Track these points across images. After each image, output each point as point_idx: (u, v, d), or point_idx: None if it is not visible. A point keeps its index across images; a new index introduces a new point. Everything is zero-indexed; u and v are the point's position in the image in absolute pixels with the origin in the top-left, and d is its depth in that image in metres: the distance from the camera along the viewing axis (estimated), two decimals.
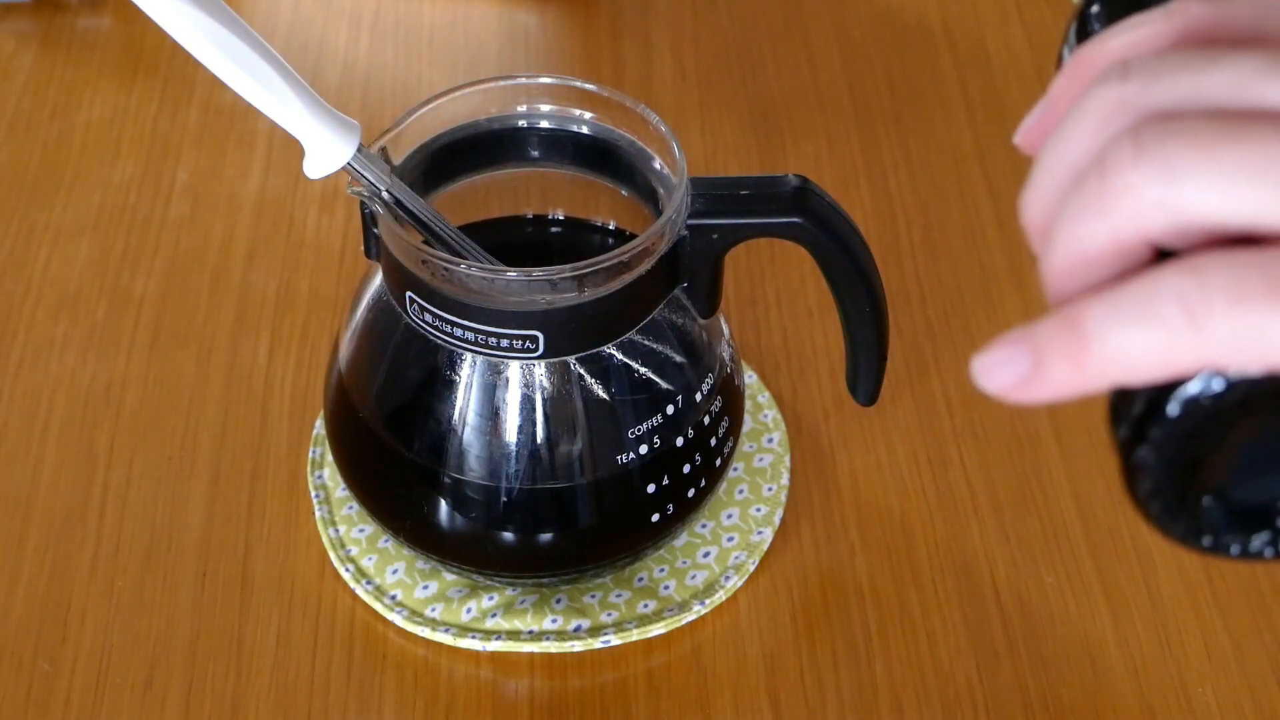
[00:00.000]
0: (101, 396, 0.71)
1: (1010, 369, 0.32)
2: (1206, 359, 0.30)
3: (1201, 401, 0.31)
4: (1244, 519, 0.34)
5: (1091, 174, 0.32)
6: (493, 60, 0.87)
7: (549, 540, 0.61)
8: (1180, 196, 0.30)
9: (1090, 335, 0.31)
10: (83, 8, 0.89)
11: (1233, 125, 0.30)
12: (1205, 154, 0.30)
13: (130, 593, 0.64)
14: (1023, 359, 0.32)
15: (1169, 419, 0.32)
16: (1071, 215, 0.32)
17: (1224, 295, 0.30)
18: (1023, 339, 0.32)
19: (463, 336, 0.57)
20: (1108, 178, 0.31)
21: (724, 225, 0.57)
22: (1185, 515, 0.34)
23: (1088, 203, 0.32)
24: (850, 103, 0.85)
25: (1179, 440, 0.32)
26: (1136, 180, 0.31)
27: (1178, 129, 0.30)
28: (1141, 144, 0.31)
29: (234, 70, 0.53)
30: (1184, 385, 0.32)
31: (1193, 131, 0.30)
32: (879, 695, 0.62)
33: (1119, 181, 0.31)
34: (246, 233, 0.77)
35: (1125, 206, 0.31)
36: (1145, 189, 0.31)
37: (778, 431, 0.69)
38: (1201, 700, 0.61)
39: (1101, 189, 0.31)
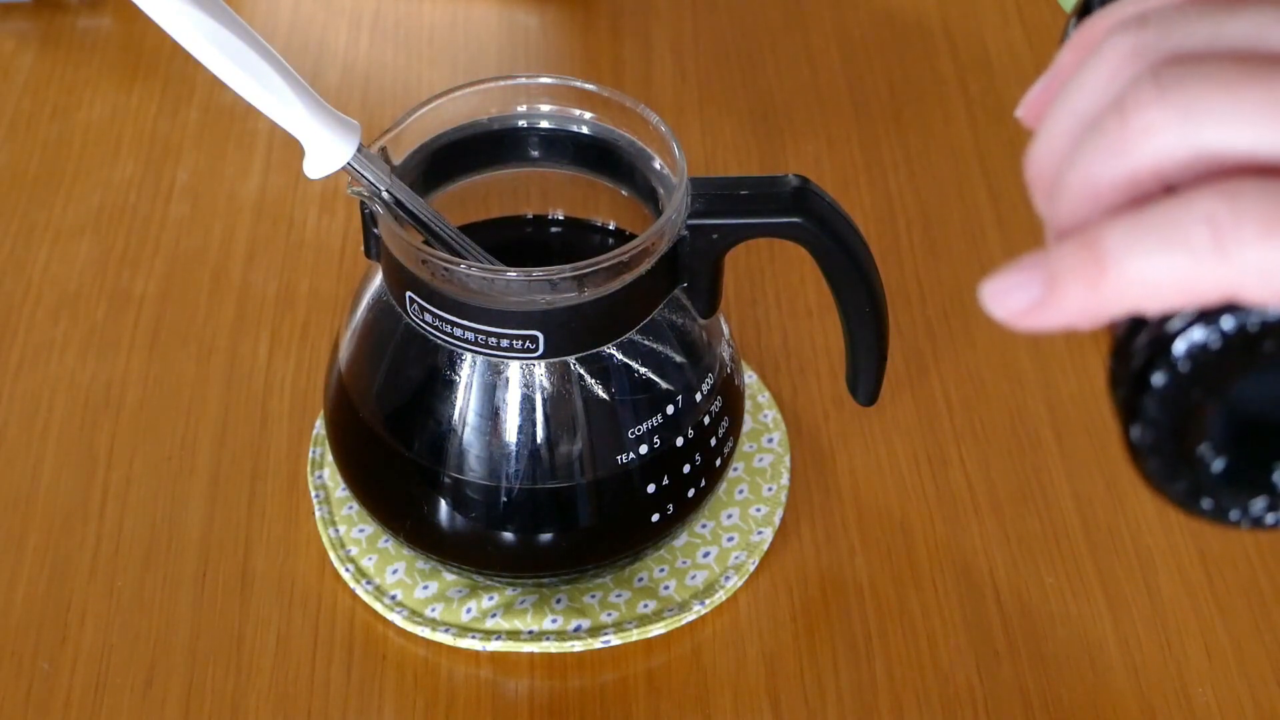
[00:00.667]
0: (101, 396, 0.71)
1: (1022, 293, 0.32)
2: (1229, 288, 0.30)
3: (1208, 346, 0.31)
4: (1243, 480, 0.33)
5: (1109, 115, 0.31)
6: (493, 60, 0.87)
7: (549, 540, 0.61)
8: (1201, 134, 0.30)
9: (1109, 257, 0.30)
10: (83, 8, 0.89)
11: (1255, 66, 0.30)
12: (1228, 93, 0.30)
13: (130, 593, 0.64)
14: (1035, 283, 0.31)
15: (1174, 361, 0.31)
16: (1086, 156, 0.31)
17: (1257, 221, 0.29)
18: (1036, 265, 0.32)
19: (463, 336, 0.57)
20: (1128, 117, 0.31)
21: (724, 225, 0.57)
22: (1185, 473, 0.33)
23: (1105, 143, 0.31)
24: (850, 103, 0.85)
25: (1182, 388, 0.32)
26: (1158, 118, 0.30)
27: (1200, 70, 0.30)
28: (1163, 83, 0.30)
29: (234, 70, 0.53)
30: (1190, 328, 0.31)
31: (1215, 72, 0.30)
32: (879, 695, 0.62)
33: (1139, 120, 0.30)
34: (246, 233, 0.77)
35: (1144, 145, 0.30)
36: (1166, 127, 0.30)
37: (778, 431, 0.69)
38: (1201, 700, 0.61)
39: (1121, 127, 0.31)
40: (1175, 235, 0.30)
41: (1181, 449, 0.33)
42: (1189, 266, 0.30)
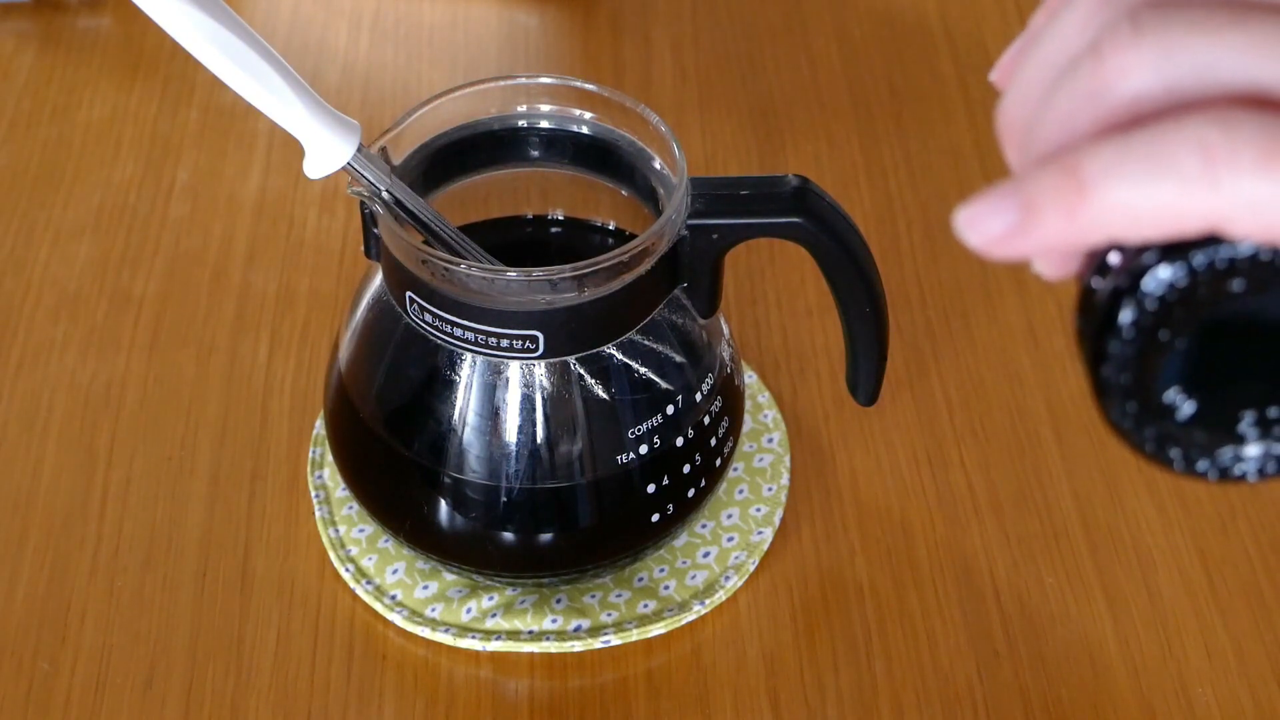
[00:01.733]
0: (101, 396, 0.71)
1: (997, 219, 0.30)
2: (1217, 219, 0.29)
3: (1176, 284, 0.30)
4: (1211, 428, 0.32)
5: (1085, 58, 0.30)
6: (493, 60, 0.87)
7: (549, 540, 0.61)
8: (1180, 75, 0.29)
9: (1091, 183, 0.29)
10: (83, 8, 0.89)
11: (1232, 9, 0.29)
12: (1207, 33, 0.29)
13: (130, 593, 0.64)
14: (1011, 209, 0.30)
15: (1141, 298, 0.31)
16: (1062, 101, 0.31)
17: (1254, 149, 0.28)
18: (1013, 190, 0.30)
19: (463, 336, 0.57)
20: (1104, 58, 0.30)
21: (724, 225, 0.57)
22: (1153, 420, 0.32)
23: (1081, 86, 0.30)
24: (850, 103, 0.85)
25: (1150, 326, 0.31)
26: (1135, 59, 0.29)
27: (1176, 13, 0.29)
28: (1140, 25, 0.29)
29: (234, 70, 0.53)
30: (1158, 265, 0.30)
31: (1193, 13, 0.29)
32: (879, 695, 0.62)
33: (1116, 61, 0.30)
34: (246, 233, 0.77)
35: (1121, 87, 0.30)
36: (1144, 68, 0.29)
37: (778, 431, 0.69)
38: (1201, 700, 0.61)
39: (1097, 69, 0.30)
40: (1164, 161, 0.29)
41: (1149, 392, 0.32)
42: (1176, 194, 0.29)
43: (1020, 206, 0.30)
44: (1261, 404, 0.32)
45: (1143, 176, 0.29)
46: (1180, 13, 0.29)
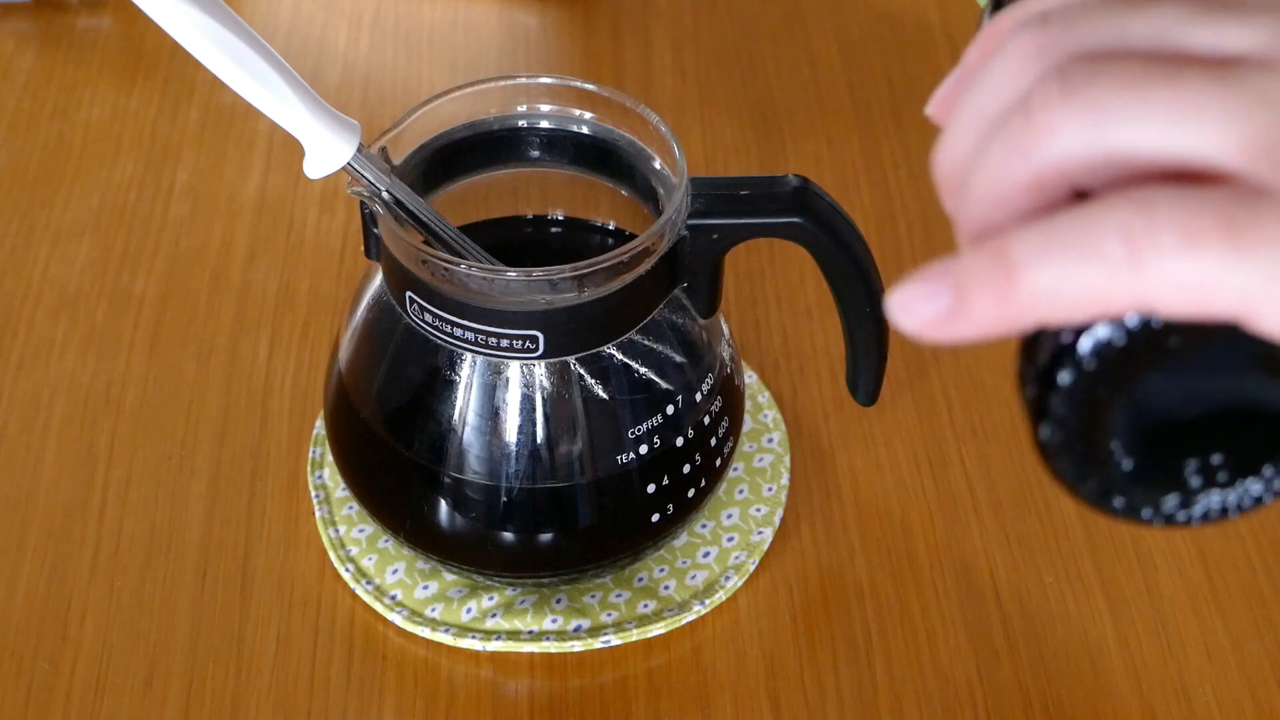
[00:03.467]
0: (101, 396, 0.71)
1: (929, 304, 0.30)
2: (1143, 300, 0.29)
3: (1113, 344, 0.30)
4: (1154, 477, 0.32)
5: (1014, 114, 0.30)
6: (493, 60, 0.87)
7: (549, 540, 0.61)
8: (1108, 135, 0.29)
9: (1019, 269, 0.29)
10: (83, 8, 0.89)
11: (1162, 65, 0.29)
12: (1135, 92, 0.29)
13: (130, 593, 0.64)
14: (943, 293, 0.30)
15: (1079, 359, 0.30)
16: (992, 157, 0.30)
17: (1173, 232, 0.28)
18: (944, 273, 0.30)
19: (463, 336, 0.57)
20: (1033, 115, 0.29)
21: (724, 225, 0.57)
22: (1096, 471, 0.32)
23: (1010, 142, 0.30)
24: (850, 103, 0.85)
25: (1089, 386, 0.31)
26: (1063, 117, 0.29)
27: (1106, 68, 0.29)
28: (1069, 82, 0.29)
29: (234, 70, 0.53)
30: (1095, 325, 0.30)
31: (1122, 71, 0.29)
32: (879, 695, 0.62)
33: (1044, 119, 0.29)
34: (246, 233, 0.77)
35: (1050, 145, 0.29)
36: (1072, 127, 0.29)
37: (778, 431, 0.69)
38: (1201, 700, 0.61)
39: (1026, 127, 0.30)
40: (1088, 247, 0.29)
41: (1091, 448, 0.32)
42: (1103, 279, 0.29)
43: (951, 291, 0.30)
44: (1203, 453, 0.32)
45: (1069, 263, 0.29)
46: (1111, 69, 0.29)
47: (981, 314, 0.30)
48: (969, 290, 0.30)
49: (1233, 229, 0.28)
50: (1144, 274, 0.28)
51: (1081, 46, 0.30)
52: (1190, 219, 0.28)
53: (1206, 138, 0.28)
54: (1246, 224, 0.28)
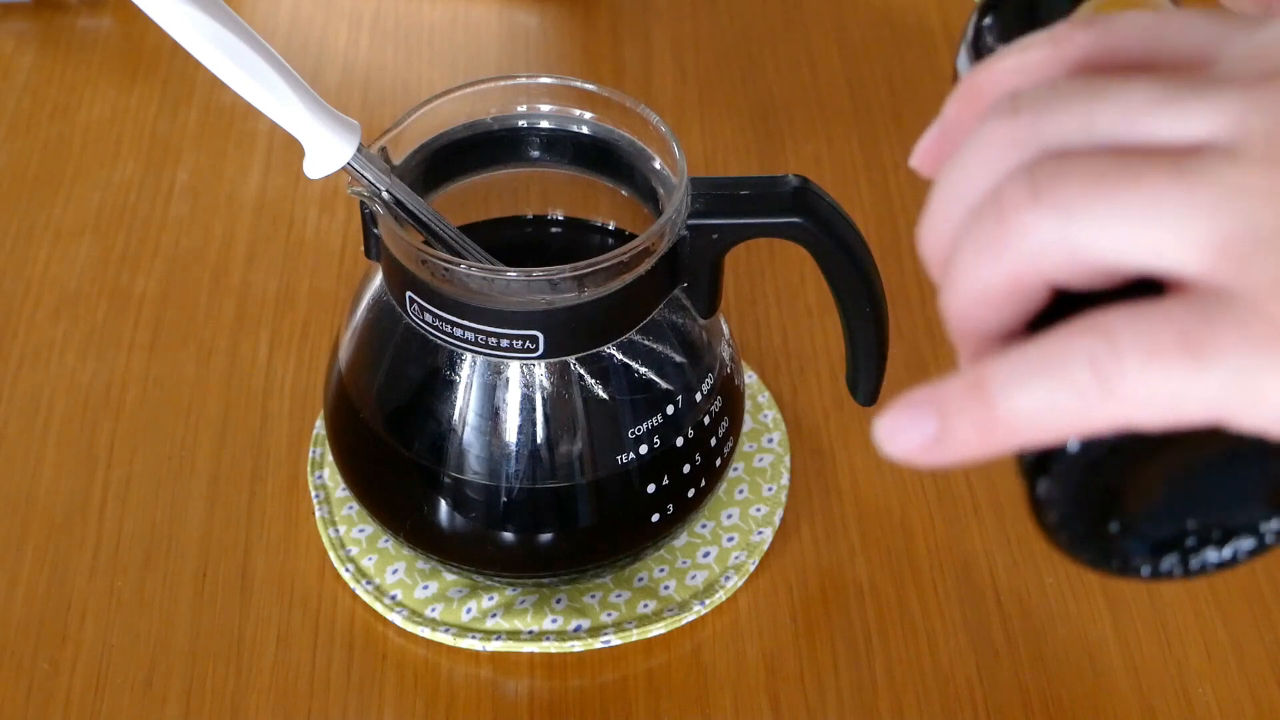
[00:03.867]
0: (101, 396, 0.71)
1: (915, 433, 0.31)
2: (1119, 419, 0.30)
3: (1101, 441, 0.31)
4: (1150, 545, 0.33)
5: (988, 214, 0.31)
6: (493, 60, 0.87)
7: (549, 540, 0.61)
8: (1077, 238, 0.30)
9: (997, 399, 0.30)
10: (83, 8, 0.89)
11: (1126, 165, 0.30)
12: (1101, 195, 0.29)
13: (130, 593, 0.64)
14: (927, 422, 0.31)
15: (1069, 455, 0.31)
16: (968, 255, 0.31)
17: (1136, 355, 0.29)
18: (927, 401, 0.31)
19: (463, 336, 0.57)
20: (1004, 219, 0.30)
21: (724, 225, 0.57)
22: (1093, 545, 0.33)
23: (984, 243, 0.31)
24: (850, 103, 0.85)
25: (1082, 474, 0.31)
26: (1033, 221, 0.30)
27: (1072, 169, 0.30)
28: (1036, 184, 0.30)
29: (234, 70, 0.53)
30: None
31: (1087, 171, 0.30)
32: (879, 695, 0.62)
33: (1015, 223, 0.30)
34: (246, 233, 0.77)
35: (1022, 248, 0.30)
36: (1042, 230, 0.30)
37: (778, 431, 0.69)
38: (1201, 700, 0.61)
39: (998, 230, 0.31)
40: (1059, 376, 0.30)
41: (1090, 527, 0.32)
42: (1077, 404, 0.30)
43: (934, 419, 0.31)
44: (1197, 517, 0.32)
45: (1043, 391, 0.30)
46: (1076, 171, 0.30)
47: (965, 441, 0.31)
48: (951, 418, 0.31)
49: (1192, 345, 0.29)
50: (1115, 397, 0.29)
51: (1050, 139, 0.31)
52: (1150, 341, 0.29)
53: (1169, 242, 0.29)
54: (1205, 337, 0.29)
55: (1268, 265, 0.29)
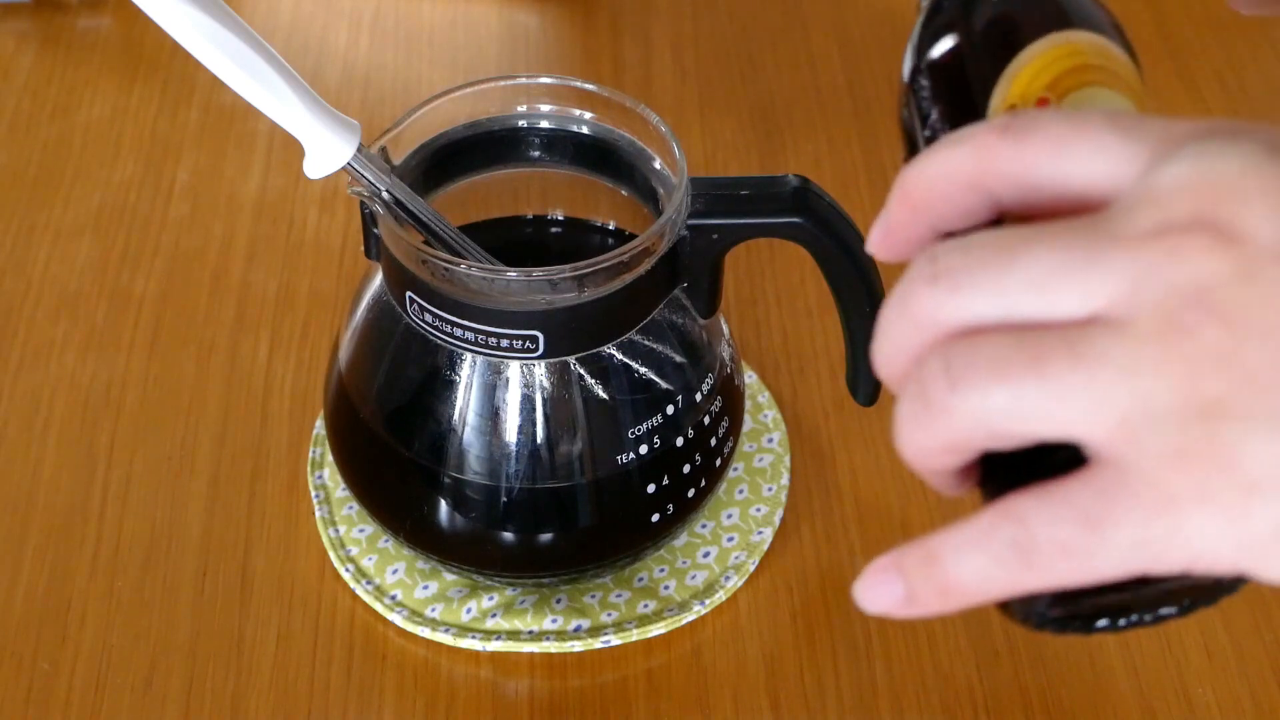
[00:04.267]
0: (101, 396, 0.71)
1: (886, 592, 0.35)
2: (1046, 583, 0.33)
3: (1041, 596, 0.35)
4: (1085, 620, 0.36)
5: (914, 395, 0.34)
6: (493, 60, 0.87)
7: (549, 540, 0.61)
8: (992, 420, 0.33)
9: (947, 568, 0.34)
10: (83, 8, 0.89)
11: (1030, 349, 0.32)
12: (1009, 382, 0.32)
13: (130, 593, 0.64)
14: (895, 585, 0.35)
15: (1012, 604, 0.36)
16: (905, 424, 0.35)
17: (1048, 540, 0.33)
18: (891, 567, 0.35)
19: (463, 336, 0.57)
20: (929, 404, 0.34)
21: (724, 225, 0.57)
22: (1036, 619, 0.36)
23: (915, 419, 0.34)
24: (850, 103, 0.85)
25: (1026, 606, 0.35)
26: (953, 407, 0.33)
27: (982, 358, 0.33)
28: (953, 374, 0.33)
29: (234, 70, 0.53)
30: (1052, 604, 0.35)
31: (995, 359, 0.33)
32: (879, 695, 0.62)
33: (938, 408, 0.34)
34: (246, 233, 0.77)
35: (947, 427, 0.34)
36: (960, 416, 0.33)
37: (778, 431, 0.69)
38: (1201, 700, 0.61)
39: (925, 412, 0.34)
40: (990, 553, 0.34)
41: (1079, 623, 0.36)
42: (1010, 575, 0.34)
43: (900, 584, 0.35)
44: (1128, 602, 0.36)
45: (980, 563, 0.34)
46: (987, 357, 0.33)
47: (929, 601, 0.35)
48: (914, 583, 0.35)
49: (1094, 523, 0.32)
50: (1036, 569, 0.33)
51: (963, 316, 0.34)
52: (1057, 525, 0.33)
53: (1074, 420, 0.32)
54: (1104, 514, 0.32)
55: (1159, 439, 0.31)
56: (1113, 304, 0.32)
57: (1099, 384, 0.32)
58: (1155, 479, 0.32)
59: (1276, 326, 0.31)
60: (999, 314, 0.33)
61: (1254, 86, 0.87)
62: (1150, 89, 0.94)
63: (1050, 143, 0.34)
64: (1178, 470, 0.31)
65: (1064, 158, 0.34)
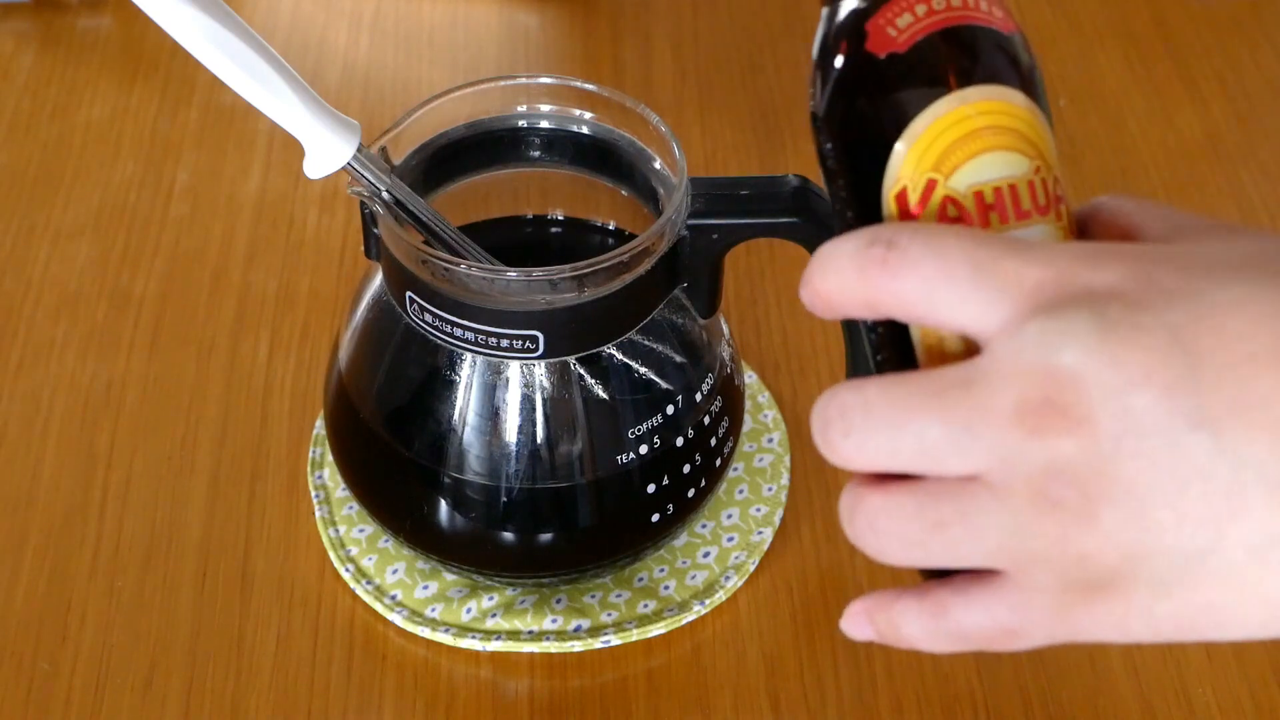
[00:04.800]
0: (101, 396, 0.71)
1: (859, 631, 0.42)
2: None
3: None
4: None
5: (843, 521, 0.41)
6: (493, 60, 0.87)
7: (549, 540, 0.61)
8: (907, 560, 0.40)
9: (900, 631, 0.41)
10: (83, 8, 0.89)
11: (930, 516, 0.38)
12: (914, 547, 0.39)
13: (130, 593, 0.64)
14: (866, 627, 0.42)
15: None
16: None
17: (975, 632, 0.40)
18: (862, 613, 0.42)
19: (463, 336, 0.57)
20: (853, 538, 0.40)
21: (724, 225, 0.58)
22: None
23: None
24: None
25: None
26: (871, 549, 0.40)
27: (893, 522, 0.39)
28: (856, 531, 0.40)
29: (234, 70, 0.53)
30: None
31: (902, 527, 0.39)
32: (879, 695, 0.62)
33: (859, 543, 0.40)
34: (246, 233, 0.77)
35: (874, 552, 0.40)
36: (877, 553, 0.40)
37: (778, 431, 0.69)
38: (1201, 700, 0.61)
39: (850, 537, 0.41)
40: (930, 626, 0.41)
41: None
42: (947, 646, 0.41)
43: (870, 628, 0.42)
44: None
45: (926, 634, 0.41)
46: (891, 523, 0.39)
47: (894, 642, 0.42)
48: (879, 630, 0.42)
49: (1011, 635, 0.39)
50: (974, 644, 0.40)
51: (871, 466, 0.39)
52: (981, 626, 0.39)
53: (975, 564, 0.39)
54: (1019, 629, 0.39)
55: (1045, 574, 0.38)
56: (990, 470, 0.37)
57: (989, 542, 0.38)
58: (1051, 600, 0.38)
59: (1125, 491, 0.36)
60: (900, 467, 0.38)
61: (1254, 86, 0.87)
62: (1150, 89, 0.94)
63: (921, 284, 0.38)
64: (1067, 593, 0.38)
65: (934, 302, 0.38)
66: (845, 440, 0.39)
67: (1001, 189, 0.41)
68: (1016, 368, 0.37)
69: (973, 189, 0.40)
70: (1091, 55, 0.88)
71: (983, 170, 0.40)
